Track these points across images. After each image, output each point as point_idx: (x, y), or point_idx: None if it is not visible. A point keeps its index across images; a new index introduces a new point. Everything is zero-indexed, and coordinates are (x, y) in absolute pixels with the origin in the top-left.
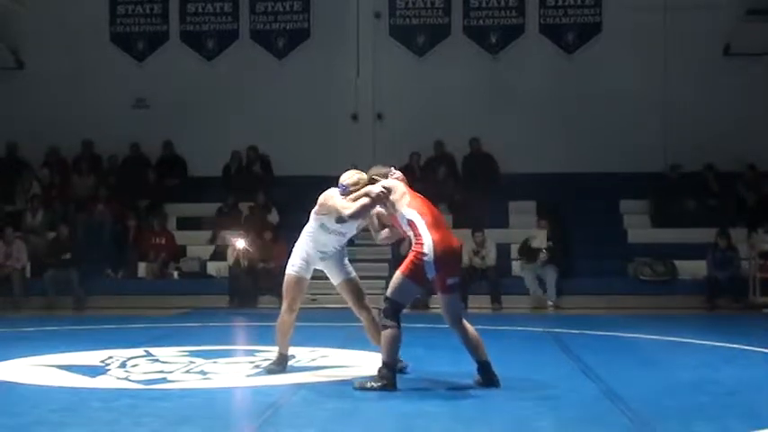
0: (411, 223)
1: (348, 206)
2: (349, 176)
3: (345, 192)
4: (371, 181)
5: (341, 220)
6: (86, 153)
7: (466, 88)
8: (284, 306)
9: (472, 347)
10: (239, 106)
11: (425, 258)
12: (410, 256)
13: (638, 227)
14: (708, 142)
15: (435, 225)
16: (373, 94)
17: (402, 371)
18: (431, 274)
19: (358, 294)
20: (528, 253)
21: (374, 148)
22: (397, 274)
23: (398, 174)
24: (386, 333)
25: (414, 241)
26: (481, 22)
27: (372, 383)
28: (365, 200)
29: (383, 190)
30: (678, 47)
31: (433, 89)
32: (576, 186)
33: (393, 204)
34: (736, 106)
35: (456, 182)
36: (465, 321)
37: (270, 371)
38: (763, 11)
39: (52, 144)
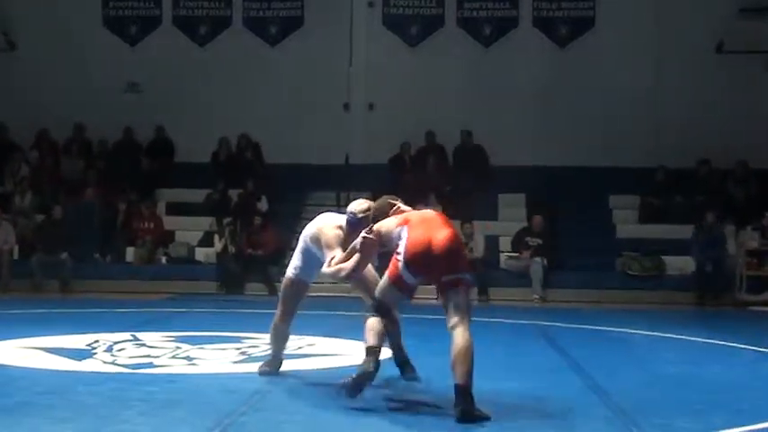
0: (400, 238)
1: (342, 268)
2: (359, 204)
3: (355, 220)
4: (375, 217)
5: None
6: (78, 136)
7: (458, 79)
8: (278, 312)
9: (452, 366)
10: (231, 93)
11: (399, 259)
12: (392, 259)
13: (627, 222)
14: (699, 139)
15: (417, 225)
16: (365, 84)
17: (414, 379)
18: (408, 278)
19: (373, 285)
20: (520, 246)
21: (365, 138)
22: (384, 276)
23: (403, 207)
24: (368, 320)
25: None
26: (475, 13)
27: (352, 376)
28: (356, 257)
29: (371, 238)
30: (671, 43)
31: (425, 80)
32: (565, 180)
33: (389, 241)
34: (728, 104)
35: (446, 173)
36: (458, 330)
37: (261, 372)
38: (756, 9)
39: (42, 126)
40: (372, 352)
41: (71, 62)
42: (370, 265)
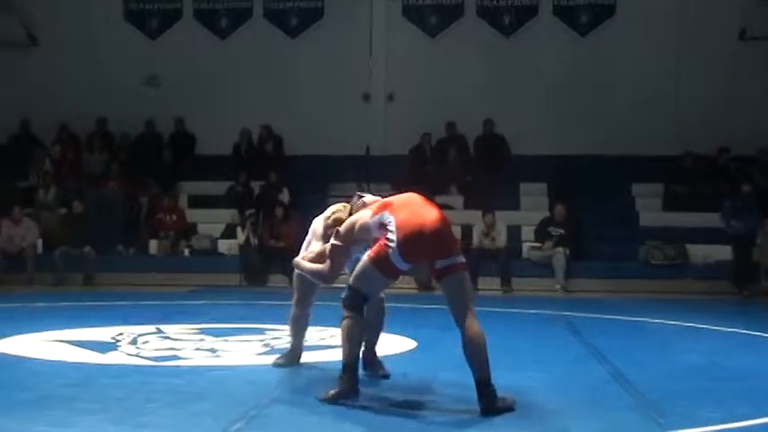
0: (383, 224)
1: (321, 273)
2: (325, 215)
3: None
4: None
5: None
6: (100, 130)
7: (478, 69)
8: (293, 299)
9: (467, 358)
10: (252, 85)
11: (390, 244)
12: (379, 240)
13: (650, 210)
14: (721, 126)
15: (401, 207)
16: (385, 75)
17: (385, 377)
18: (399, 264)
19: None
20: (543, 236)
21: (385, 129)
22: (363, 259)
23: (366, 199)
24: (344, 324)
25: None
26: (494, 2)
27: (331, 392)
28: (328, 262)
29: (337, 243)
30: (693, 31)
31: (445, 70)
32: (587, 169)
33: (366, 233)
34: (751, 91)
35: (467, 163)
36: (466, 321)
37: (276, 364)
38: None
39: (64, 121)
40: (350, 369)
41: (92, 56)
42: None
